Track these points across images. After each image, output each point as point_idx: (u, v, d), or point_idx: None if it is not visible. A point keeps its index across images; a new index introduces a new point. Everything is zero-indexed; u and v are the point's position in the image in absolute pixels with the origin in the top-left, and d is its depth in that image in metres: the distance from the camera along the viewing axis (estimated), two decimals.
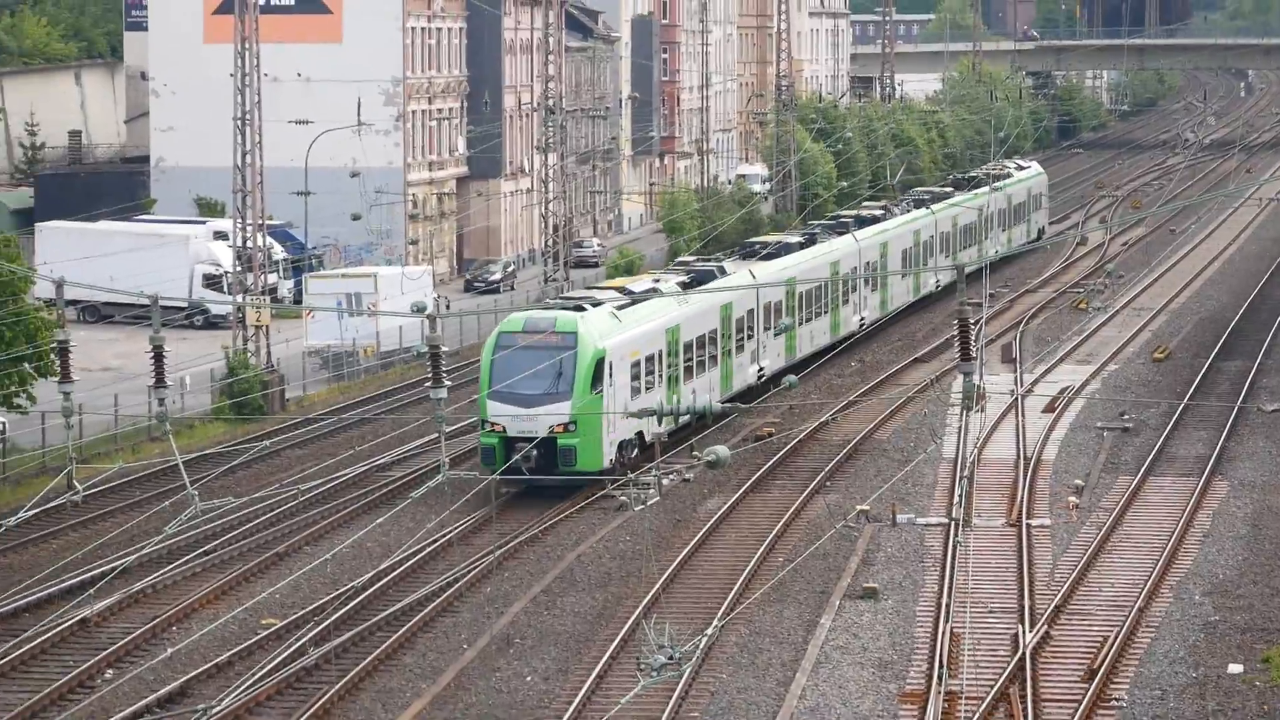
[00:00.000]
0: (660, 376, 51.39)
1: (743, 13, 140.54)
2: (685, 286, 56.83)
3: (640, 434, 49.04)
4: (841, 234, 76.03)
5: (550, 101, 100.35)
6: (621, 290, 52.57)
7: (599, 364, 45.35)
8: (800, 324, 67.53)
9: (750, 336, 60.84)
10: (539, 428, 44.73)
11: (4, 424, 62.51)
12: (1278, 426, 70.86)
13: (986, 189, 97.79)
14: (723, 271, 60.86)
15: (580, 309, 47.53)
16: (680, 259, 70.95)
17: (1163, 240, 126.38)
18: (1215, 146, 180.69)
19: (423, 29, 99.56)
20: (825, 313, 71.37)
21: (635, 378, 48.55)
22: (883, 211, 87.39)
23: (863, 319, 75.08)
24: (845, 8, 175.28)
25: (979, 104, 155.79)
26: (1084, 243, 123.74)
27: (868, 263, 76.61)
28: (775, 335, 64.28)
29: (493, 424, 45.84)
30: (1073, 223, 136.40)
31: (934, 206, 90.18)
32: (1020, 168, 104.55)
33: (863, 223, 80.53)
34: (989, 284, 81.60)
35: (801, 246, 71.00)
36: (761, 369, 61.39)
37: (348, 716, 38.47)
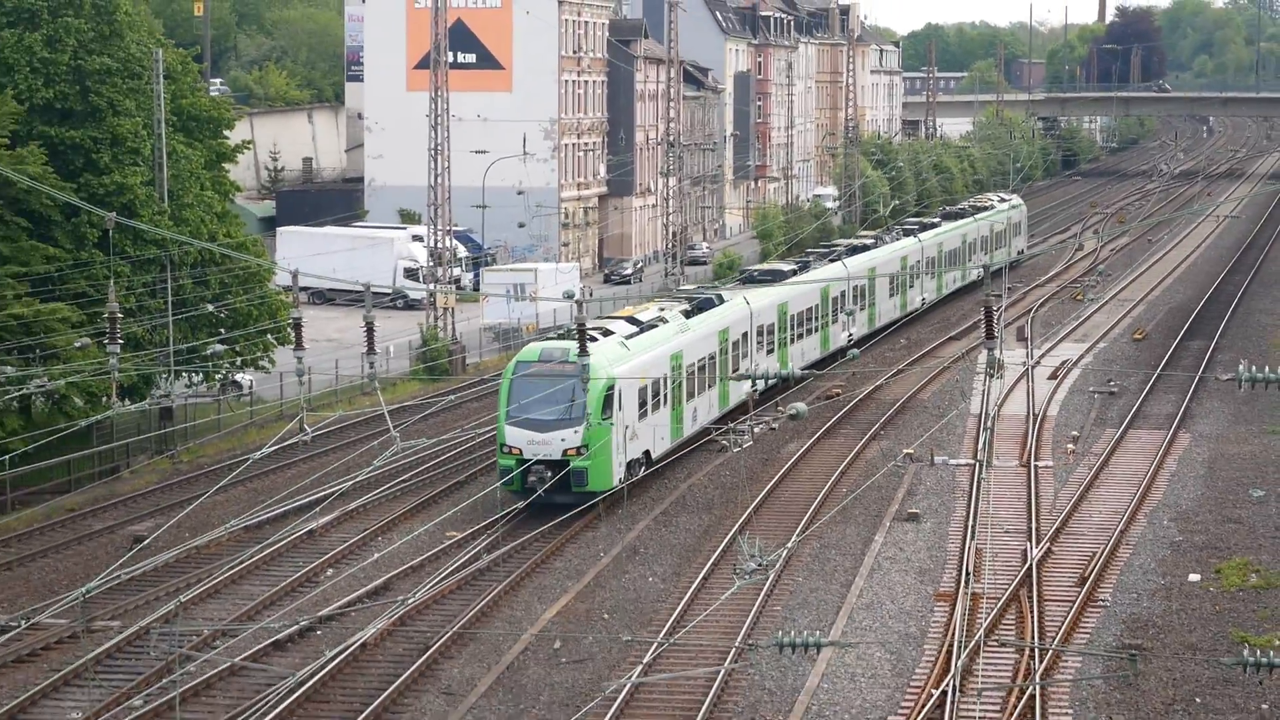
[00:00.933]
0: (665, 399, 50.33)
1: (819, 70, 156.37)
2: (687, 315, 55.71)
3: (647, 452, 48.32)
4: (832, 261, 74.52)
5: (670, 137, 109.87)
6: (630, 319, 51.79)
7: (609, 392, 44.12)
8: (792, 342, 65.77)
9: (745, 355, 59.25)
10: (554, 451, 43.59)
11: (251, 380, 69.61)
12: (1230, 392, 72.82)
13: (971, 219, 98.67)
14: (721, 299, 59.58)
15: (592, 340, 45.59)
16: (685, 289, 69.16)
17: (1142, 247, 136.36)
18: (1183, 175, 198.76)
19: (573, 81, 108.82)
20: (815, 330, 69.00)
21: (642, 403, 47.49)
22: (873, 240, 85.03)
23: (850, 335, 72.87)
24: (898, 66, 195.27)
25: (1001, 141, 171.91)
26: (1081, 249, 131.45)
27: (855, 286, 73.86)
28: (768, 353, 62.37)
29: (510, 447, 44.38)
30: (1072, 233, 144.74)
31: (921, 235, 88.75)
32: (1003, 200, 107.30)
33: (853, 251, 79.29)
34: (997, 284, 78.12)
35: (794, 273, 68.50)
36: (755, 384, 59.35)
37: (512, 607, 43.03)
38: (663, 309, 55.18)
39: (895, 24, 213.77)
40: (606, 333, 47.89)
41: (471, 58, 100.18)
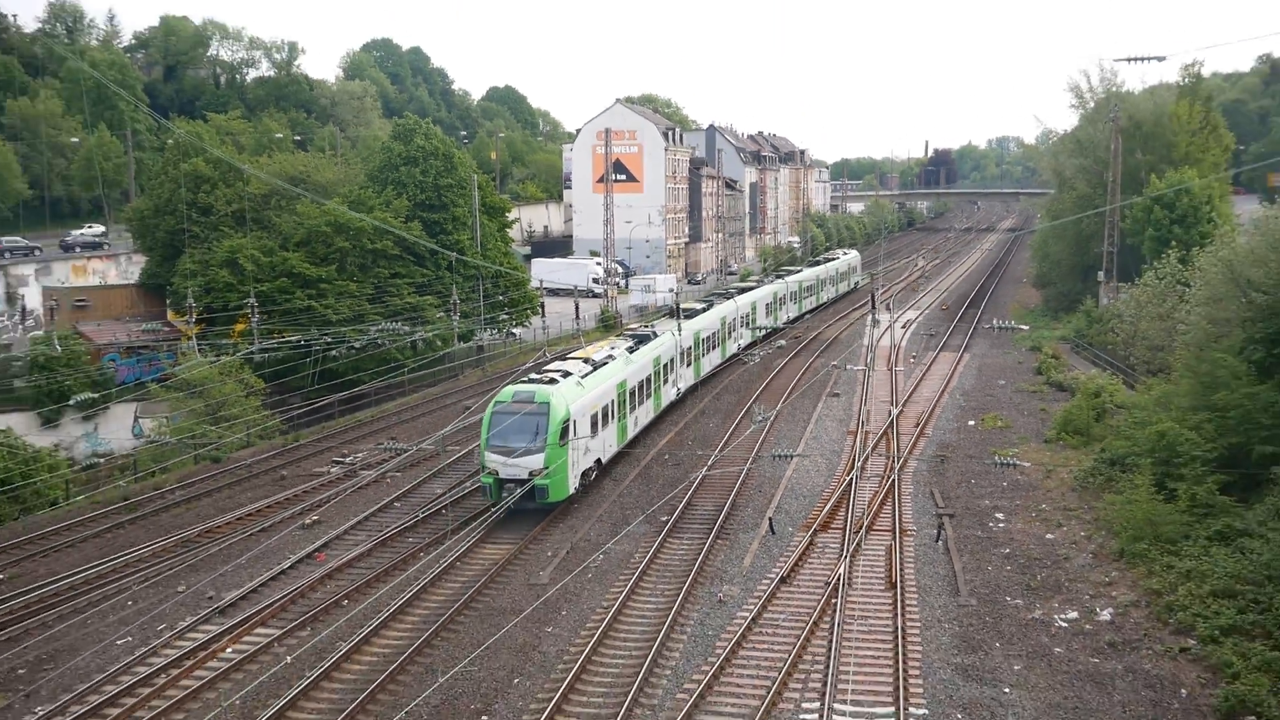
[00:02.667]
0: (613, 416, 46.36)
1: (790, 180, 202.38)
2: (631, 350, 51.72)
3: (599, 460, 44.74)
4: (728, 299, 72.29)
5: (719, 214, 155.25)
6: (587, 360, 47.05)
7: (565, 424, 39.77)
8: (704, 355, 63.40)
9: (673, 370, 56.72)
10: (521, 472, 38.83)
11: (520, 333, 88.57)
12: (989, 334, 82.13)
13: (825, 264, 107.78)
14: (654, 334, 56.20)
15: (554, 382, 42.29)
16: (631, 328, 66.01)
17: (943, 266, 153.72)
18: (966, 230, 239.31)
19: (671, 187, 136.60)
20: (717, 346, 66.57)
21: (594, 425, 43.17)
22: (756, 283, 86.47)
23: (740, 345, 70.87)
24: (828, 178, 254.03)
25: (877, 214, 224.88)
26: (919, 269, 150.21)
27: (743, 315, 72.01)
28: (687, 366, 60.25)
29: (489, 468, 39.79)
30: (911, 259, 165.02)
31: (788, 278, 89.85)
32: (845, 252, 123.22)
33: (742, 291, 78.11)
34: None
35: (707, 309, 66.45)
36: (679, 389, 58.46)
37: (648, 439, 52.59)
38: (614, 347, 52.29)
39: (826, 157, 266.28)
40: (566, 374, 44.65)
41: (623, 176, 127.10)
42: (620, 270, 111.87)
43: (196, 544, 38.69)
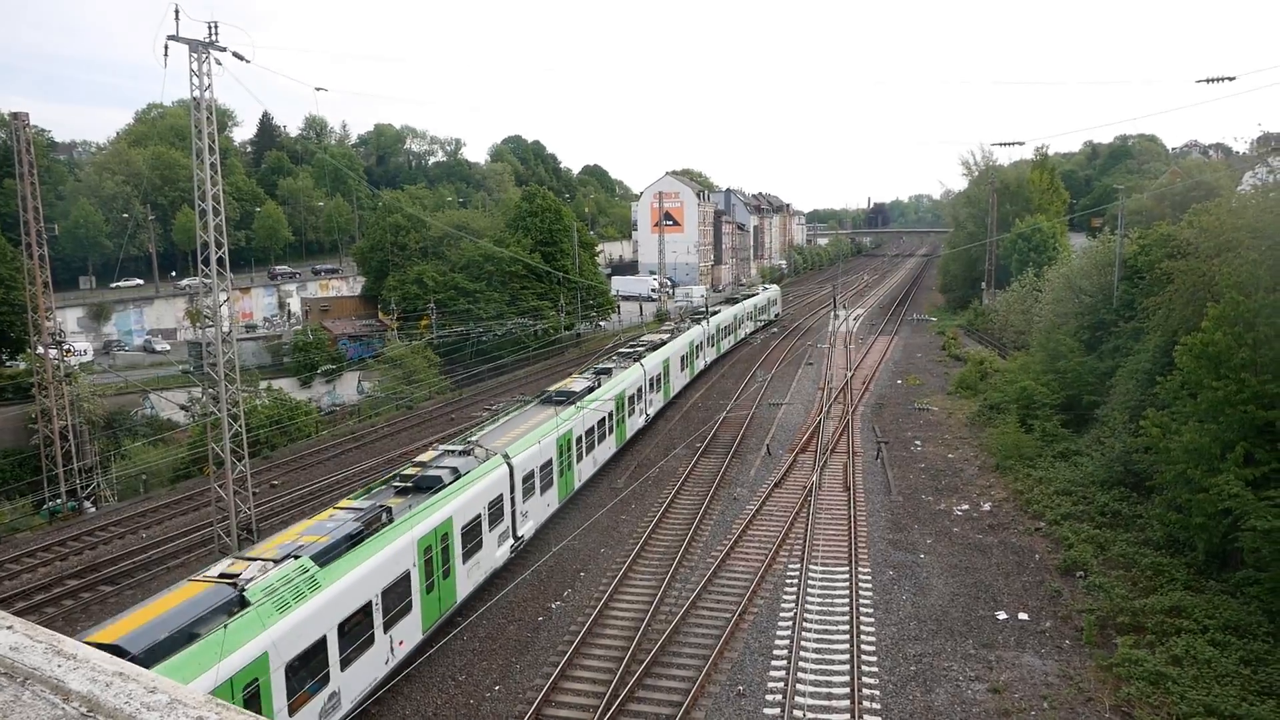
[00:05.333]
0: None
1: (780, 224, 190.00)
2: (601, 375, 38.33)
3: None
4: (691, 326, 54.11)
5: (734, 245, 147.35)
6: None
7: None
8: (672, 379, 45.61)
9: (642, 397, 39.68)
10: None
11: (604, 324, 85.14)
12: (910, 323, 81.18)
13: (753, 297, 76.25)
14: (609, 374, 38.23)
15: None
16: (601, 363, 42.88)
17: (880, 279, 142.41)
18: (895, 256, 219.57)
19: (701, 229, 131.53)
20: (685, 368, 49.19)
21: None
22: (702, 314, 58.63)
23: (695, 370, 51.43)
24: (805, 223, 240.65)
25: (838, 245, 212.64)
26: (864, 281, 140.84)
27: (693, 343, 50.43)
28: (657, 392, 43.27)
29: None
30: (859, 274, 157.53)
31: (726, 309, 65.00)
32: (765, 288, 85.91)
33: (695, 321, 56.00)
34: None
35: (662, 344, 46.55)
36: (647, 414, 40.63)
37: (690, 393, 51.00)
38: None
39: (804, 207, 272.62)
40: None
41: (671, 223, 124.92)
42: (669, 283, 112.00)
43: (399, 462, 38.71)
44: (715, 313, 59.64)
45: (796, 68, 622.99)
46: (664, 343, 46.95)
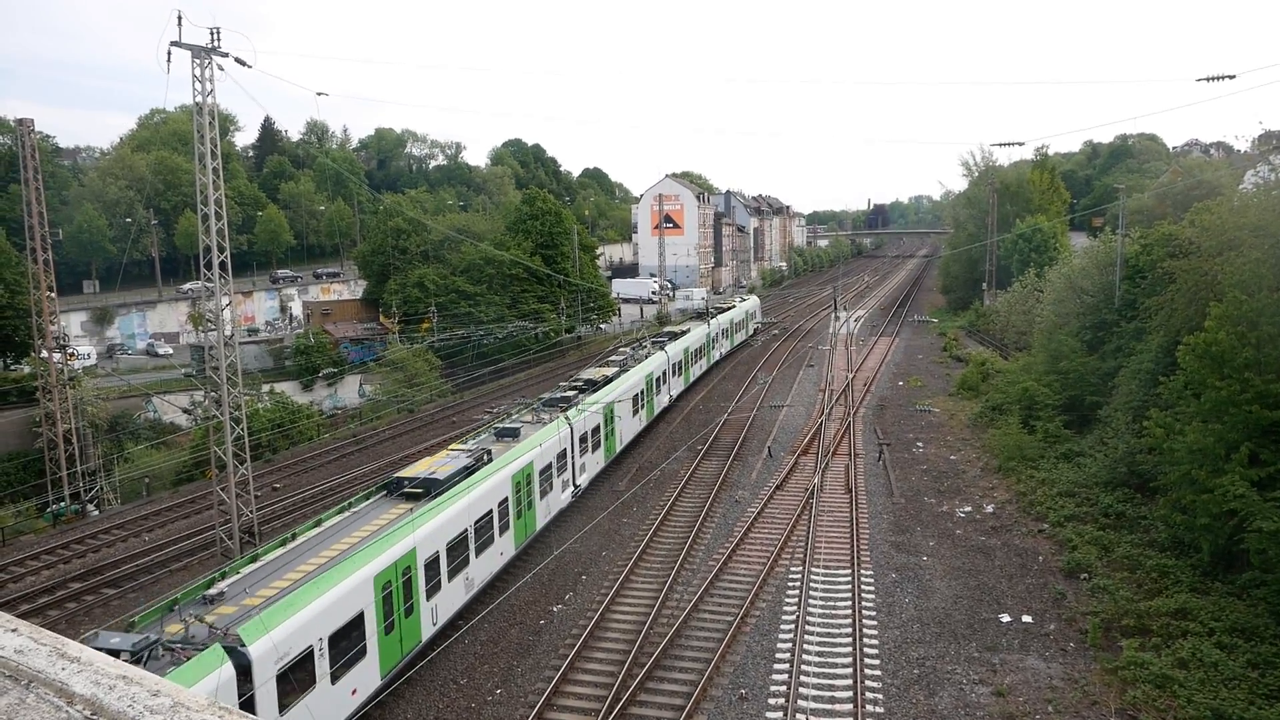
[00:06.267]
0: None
1: (780, 226, 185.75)
2: (621, 368, 39.24)
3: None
4: (697, 325, 55.62)
5: (734, 247, 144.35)
6: (602, 369, 37.29)
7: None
8: (681, 373, 46.58)
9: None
10: None
11: (605, 326, 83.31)
12: (912, 324, 79.87)
13: (733, 307, 66.42)
14: (607, 380, 36.36)
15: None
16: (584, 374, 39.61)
17: (881, 281, 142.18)
18: (896, 257, 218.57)
19: (702, 230, 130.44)
20: (699, 359, 51.17)
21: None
22: (696, 321, 57.30)
23: (690, 378, 49.45)
24: (805, 224, 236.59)
25: (838, 247, 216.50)
26: (865, 283, 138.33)
27: (689, 349, 48.26)
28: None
29: None
30: (861, 276, 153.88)
31: (711, 321, 58.01)
32: (743, 299, 75.37)
33: (696, 321, 58.00)
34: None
35: (662, 346, 45.61)
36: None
37: (704, 384, 52.74)
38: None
39: (804, 209, 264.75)
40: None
41: (671, 225, 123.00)
42: (669, 286, 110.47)
43: (399, 465, 38.10)
44: (682, 334, 51.91)
45: (797, 69, 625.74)
46: (609, 380, 37.76)
